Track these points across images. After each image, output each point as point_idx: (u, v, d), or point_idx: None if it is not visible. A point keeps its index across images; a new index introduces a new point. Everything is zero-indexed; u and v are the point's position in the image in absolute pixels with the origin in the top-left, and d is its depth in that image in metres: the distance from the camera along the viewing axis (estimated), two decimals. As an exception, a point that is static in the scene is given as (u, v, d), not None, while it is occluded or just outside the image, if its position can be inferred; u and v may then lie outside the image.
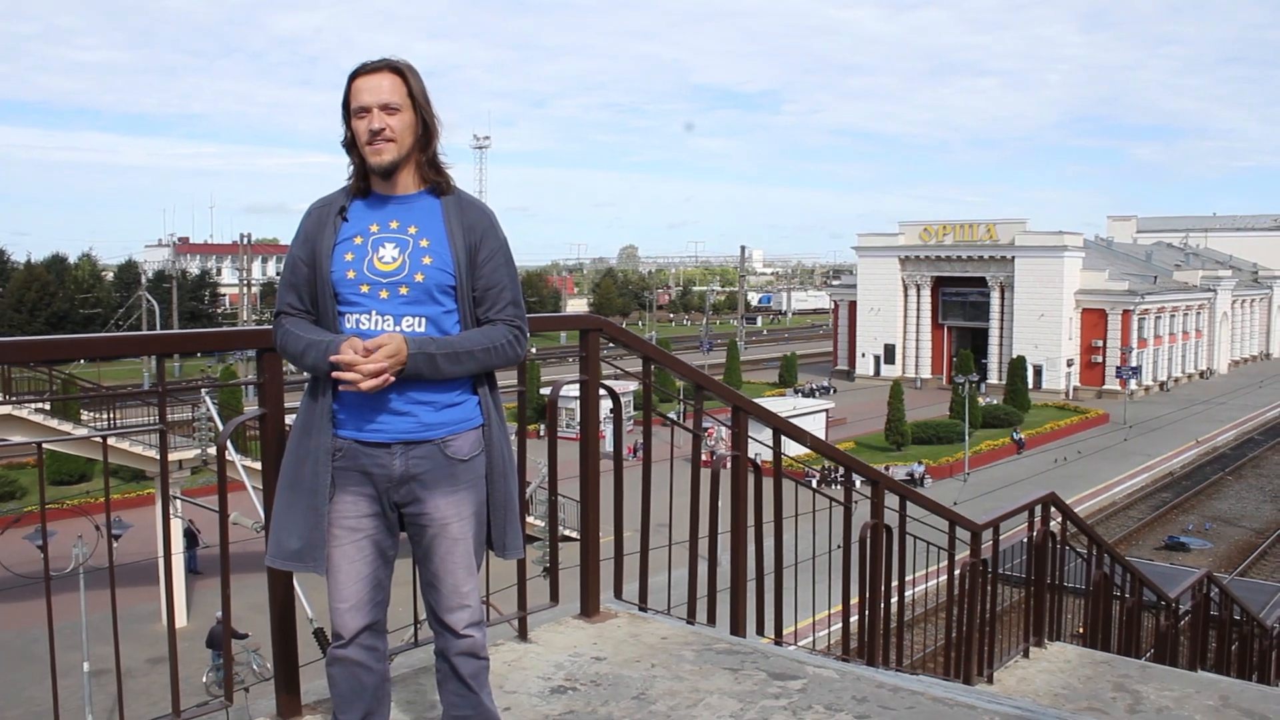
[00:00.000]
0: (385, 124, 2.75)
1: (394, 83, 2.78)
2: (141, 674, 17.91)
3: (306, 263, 2.84)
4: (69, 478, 38.54)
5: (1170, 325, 78.37)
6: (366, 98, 2.76)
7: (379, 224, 2.83)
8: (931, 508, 6.49)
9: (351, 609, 2.86)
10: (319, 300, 2.83)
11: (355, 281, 2.79)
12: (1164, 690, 6.55)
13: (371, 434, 2.82)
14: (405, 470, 2.83)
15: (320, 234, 2.82)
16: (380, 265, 2.79)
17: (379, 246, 2.80)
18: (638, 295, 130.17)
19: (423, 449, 2.83)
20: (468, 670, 2.98)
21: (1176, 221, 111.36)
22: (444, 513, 2.87)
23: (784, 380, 71.54)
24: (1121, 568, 8.92)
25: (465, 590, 2.92)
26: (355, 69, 2.79)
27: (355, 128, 2.78)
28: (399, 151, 2.78)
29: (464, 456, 2.89)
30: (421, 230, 2.83)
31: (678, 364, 5.28)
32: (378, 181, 2.84)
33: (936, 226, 76.59)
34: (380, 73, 2.78)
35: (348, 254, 2.80)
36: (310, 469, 2.82)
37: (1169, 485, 47.03)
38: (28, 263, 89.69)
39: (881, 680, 4.07)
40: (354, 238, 2.82)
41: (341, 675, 2.91)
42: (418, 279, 2.79)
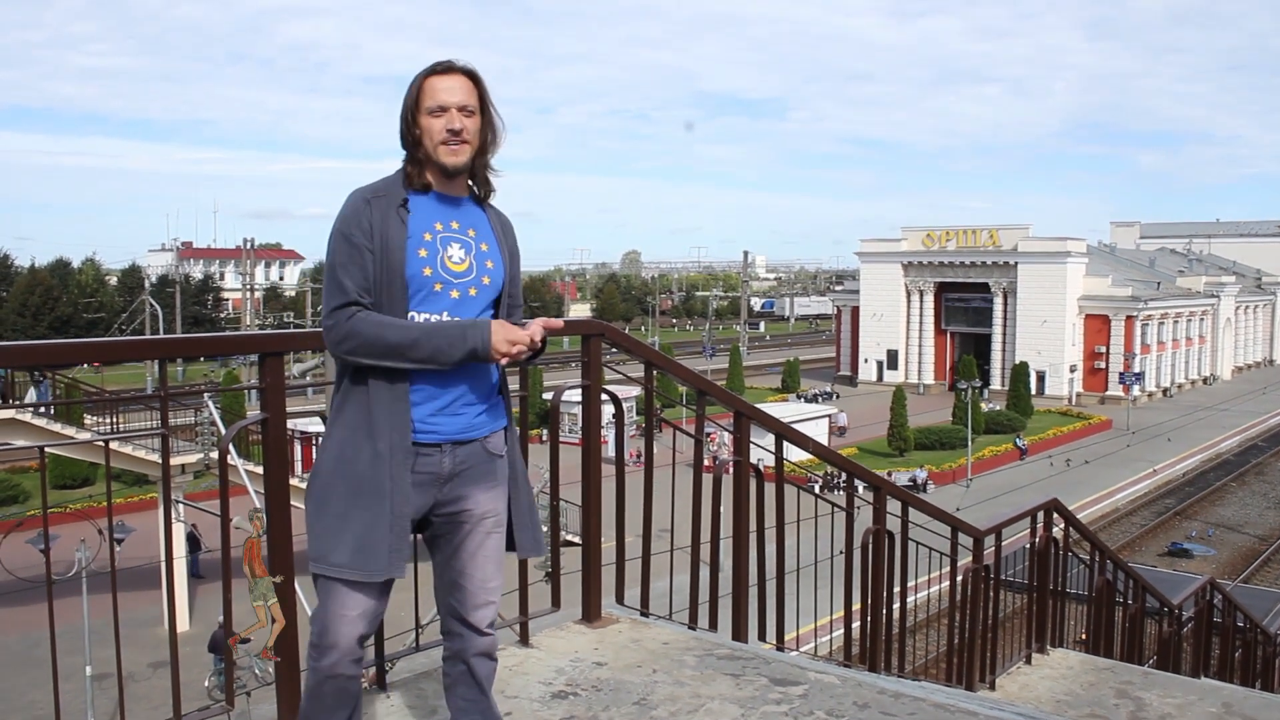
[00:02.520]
0: (464, 125, 2.76)
1: (469, 85, 2.79)
2: (143, 678, 17.90)
3: (373, 252, 2.72)
4: (72, 482, 38.56)
5: (1173, 331, 78.27)
6: (446, 97, 2.75)
7: (441, 223, 2.81)
8: (933, 513, 6.48)
9: (359, 618, 2.80)
10: (381, 295, 2.73)
11: (431, 279, 2.76)
12: (1167, 697, 6.54)
13: (428, 435, 2.80)
14: (453, 468, 2.83)
15: (386, 225, 2.73)
16: (451, 264, 2.78)
17: (447, 245, 2.79)
18: (640, 300, 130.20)
19: (469, 447, 2.86)
20: (484, 672, 2.96)
21: (1180, 228, 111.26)
22: (484, 507, 2.89)
23: (786, 386, 71.50)
24: (1124, 574, 8.90)
25: (492, 586, 2.93)
26: (430, 68, 2.79)
27: (428, 125, 2.75)
28: (472, 153, 2.80)
29: (500, 453, 2.94)
30: (480, 234, 2.86)
31: (680, 369, 5.28)
32: (438, 181, 2.82)
33: (939, 232, 76.58)
34: (457, 74, 2.78)
35: (420, 250, 2.75)
36: (388, 471, 2.73)
37: (1172, 491, 46.97)
38: (32, 267, 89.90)
39: (883, 686, 4.07)
40: (423, 234, 2.77)
41: (333, 690, 2.83)
42: (485, 281, 2.83)
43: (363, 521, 2.73)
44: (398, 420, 2.74)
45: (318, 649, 2.80)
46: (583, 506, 4.59)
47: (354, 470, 2.75)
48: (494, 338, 2.70)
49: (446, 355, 2.70)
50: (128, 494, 35.47)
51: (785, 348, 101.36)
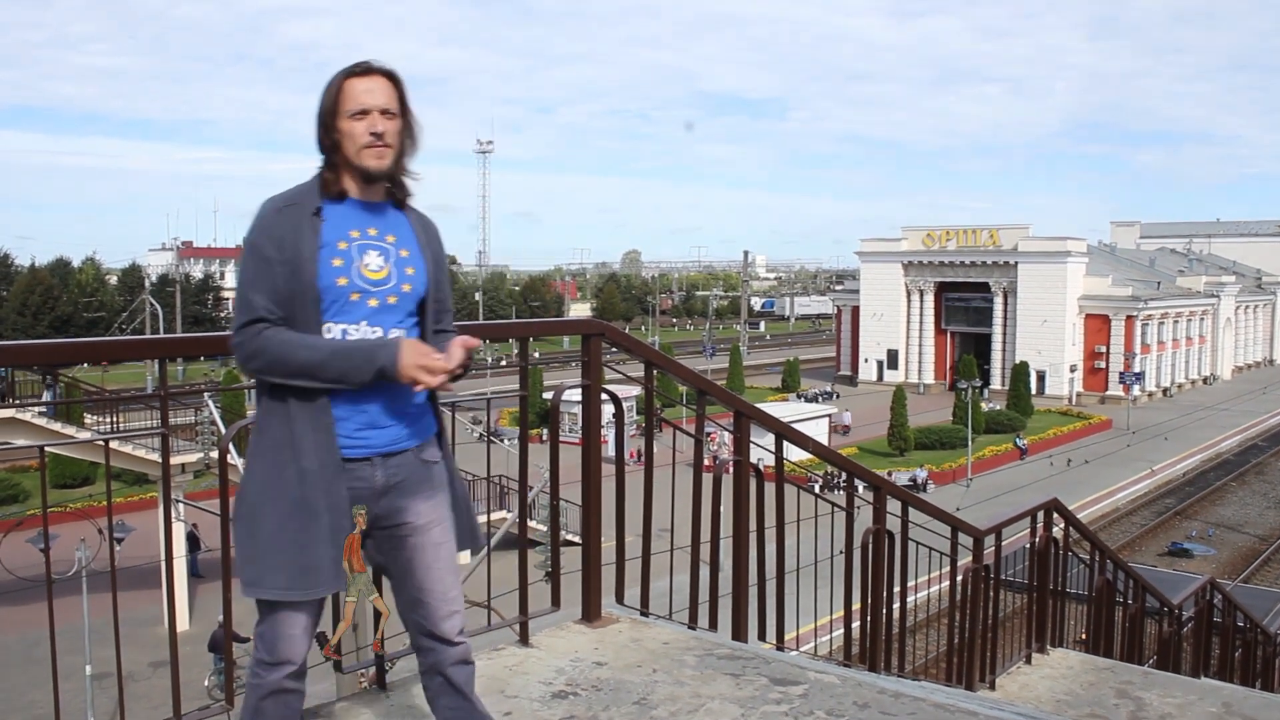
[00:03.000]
0: (386, 128, 2.68)
1: (390, 88, 2.71)
2: (143, 677, 17.89)
3: (282, 264, 2.61)
4: (72, 481, 38.60)
5: (1174, 331, 78.30)
6: (367, 99, 2.67)
7: (359, 230, 2.71)
8: (933, 513, 6.48)
9: (304, 634, 2.73)
10: (293, 308, 2.62)
11: (346, 289, 2.66)
12: (1167, 697, 6.54)
13: (357, 450, 2.72)
14: (386, 481, 2.75)
15: (298, 236, 2.62)
16: (368, 273, 2.69)
17: (364, 253, 2.69)
18: (641, 300, 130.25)
19: (400, 458, 2.78)
20: (462, 679, 2.90)
21: (1180, 227, 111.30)
22: (426, 517, 2.81)
23: (787, 385, 71.54)
24: (1124, 574, 8.90)
25: (453, 595, 2.85)
26: (348, 70, 2.70)
27: (350, 128, 2.66)
28: (394, 157, 2.71)
29: (435, 459, 2.87)
30: (399, 240, 2.76)
31: (679, 369, 5.28)
32: (354, 186, 2.73)
33: (940, 232, 76.62)
34: (377, 76, 2.70)
35: (335, 259, 2.65)
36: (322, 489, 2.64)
37: (1172, 491, 46.98)
38: (32, 266, 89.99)
39: (883, 686, 4.06)
40: (338, 243, 2.67)
41: (275, 707, 2.75)
42: (404, 289, 2.74)
43: (298, 543, 2.64)
44: (322, 436, 2.66)
45: (265, 665, 2.73)
46: (583, 506, 4.59)
47: (282, 491, 2.65)
48: (404, 360, 2.60)
49: (355, 376, 2.62)
50: (128, 493, 35.49)
51: (785, 347, 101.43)
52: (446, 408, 2.96)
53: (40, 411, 24.75)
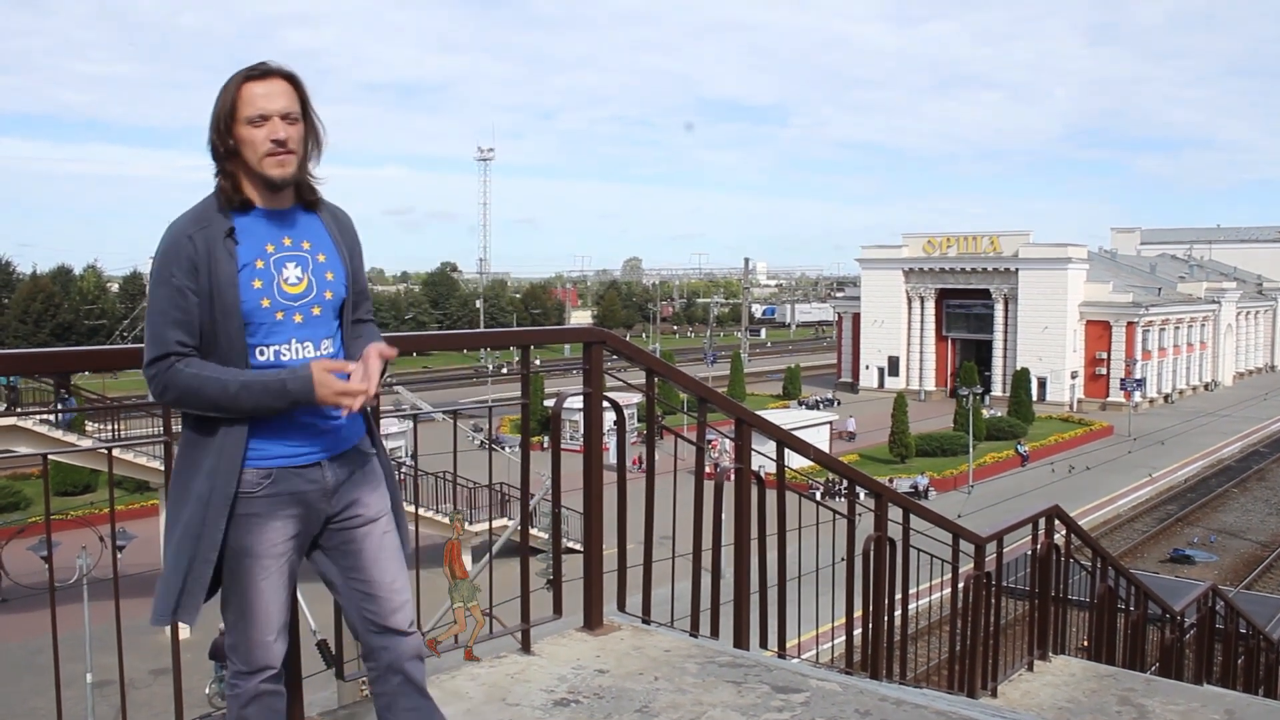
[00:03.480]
0: (288, 134, 2.56)
1: (289, 90, 2.59)
2: (144, 685, 17.88)
3: (198, 293, 2.52)
4: (73, 489, 38.57)
5: (1174, 337, 78.30)
6: (266, 104, 2.54)
7: (274, 243, 2.62)
8: (935, 520, 6.48)
9: (278, 639, 2.72)
10: (216, 336, 2.55)
11: (270, 309, 2.57)
12: (1169, 704, 6.54)
13: (304, 456, 2.68)
14: (335, 479, 2.73)
15: (212, 259, 2.52)
16: (287, 287, 2.60)
17: (281, 267, 2.60)
18: (641, 307, 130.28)
19: (345, 456, 2.76)
20: (419, 675, 2.86)
21: (1181, 233, 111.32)
22: (375, 508, 2.79)
23: (788, 392, 71.53)
24: (1126, 580, 8.90)
25: (400, 586, 2.81)
26: (244, 73, 2.58)
27: (248, 135, 2.55)
28: (297, 164, 2.60)
29: (371, 451, 2.84)
30: (315, 245, 2.68)
31: (680, 376, 5.29)
32: (261, 196, 2.62)
33: (940, 239, 76.66)
34: (276, 78, 2.58)
35: (255, 280, 2.56)
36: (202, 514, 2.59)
37: (1174, 498, 46.95)
38: (33, 274, 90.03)
39: (885, 694, 4.07)
40: (255, 262, 2.57)
41: (258, 712, 2.73)
42: (327, 297, 2.67)
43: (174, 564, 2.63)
44: (225, 462, 2.59)
45: (243, 675, 2.73)
46: (584, 513, 4.60)
47: (178, 510, 2.64)
48: (319, 392, 2.54)
49: (271, 408, 2.57)
50: (129, 500, 35.46)
51: (786, 354, 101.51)
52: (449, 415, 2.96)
53: (44, 419, 24.76)
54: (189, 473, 2.62)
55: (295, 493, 2.68)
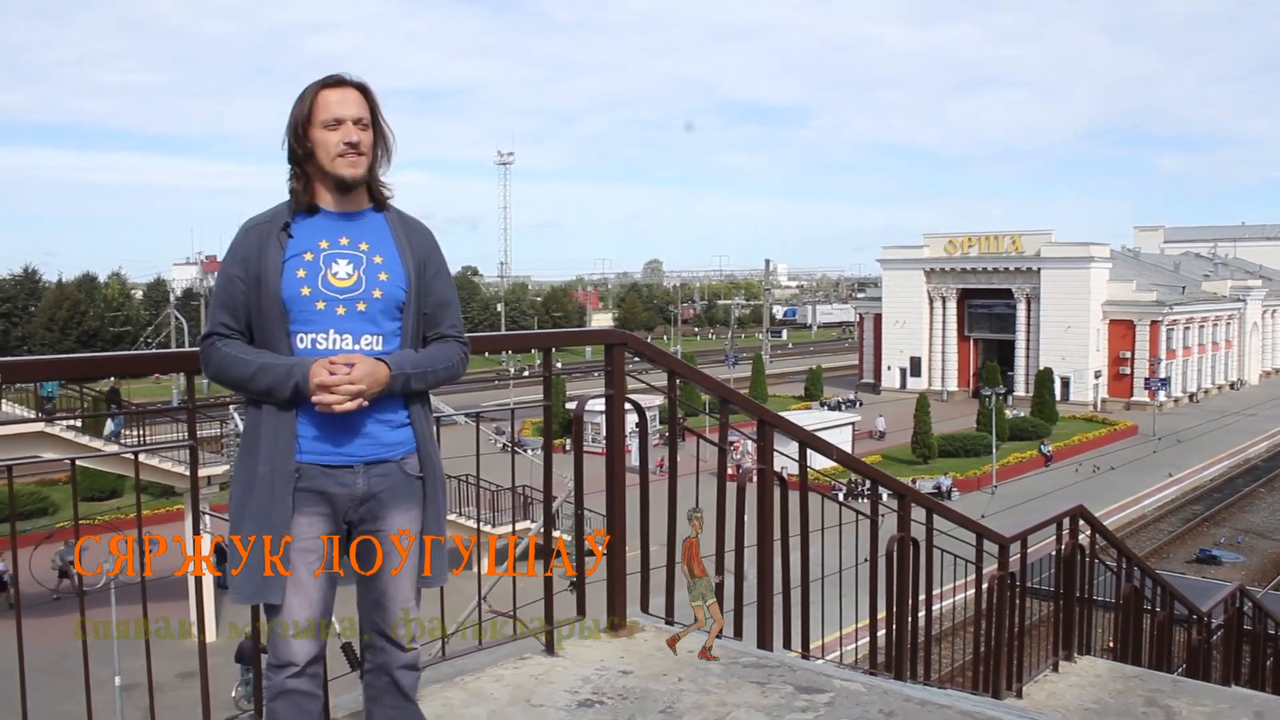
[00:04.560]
0: (360, 138, 2.75)
1: (362, 99, 2.78)
2: (172, 688, 17.95)
3: (245, 281, 2.74)
4: (100, 494, 38.87)
5: (1199, 336, 77.67)
6: (341, 110, 2.74)
7: (329, 240, 2.78)
8: (958, 521, 6.46)
9: (302, 636, 2.79)
10: (263, 321, 2.74)
11: (311, 298, 2.73)
12: (1197, 705, 6.49)
13: (338, 457, 2.77)
14: (368, 489, 2.81)
15: (262, 252, 2.73)
16: (335, 281, 2.74)
17: (331, 262, 2.75)
18: (663, 310, 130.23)
19: (383, 467, 2.83)
20: (408, 682, 2.99)
21: (1205, 231, 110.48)
22: (399, 526, 2.87)
23: (810, 393, 71.34)
24: (1151, 581, 8.85)
25: (412, 604, 2.95)
26: (321, 81, 2.78)
27: (323, 138, 2.74)
28: (367, 166, 2.78)
29: (418, 474, 2.90)
30: (374, 246, 2.81)
31: (702, 377, 5.29)
32: (325, 198, 2.81)
33: (961, 239, 76.29)
34: (349, 88, 2.78)
35: (299, 270, 2.73)
36: (268, 495, 2.73)
37: (1200, 497, 46.57)
38: (59, 282, 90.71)
39: (909, 694, 4.06)
40: (304, 254, 2.75)
41: (287, 709, 2.82)
42: (375, 295, 2.77)
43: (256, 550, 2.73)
44: (281, 444, 2.73)
45: (273, 668, 2.82)
46: (607, 516, 4.61)
47: (247, 494, 2.75)
48: (311, 382, 2.65)
49: (278, 393, 2.70)
50: (155, 505, 35.73)
51: (808, 355, 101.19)
52: (470, 418, 3.00)
53: (71, 425, 24.96)
54: (251, 459, 2.76)
55: (323, 492, 2.77)
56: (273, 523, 2.72)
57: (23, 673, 3.15)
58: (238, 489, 2.79)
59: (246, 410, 2.81)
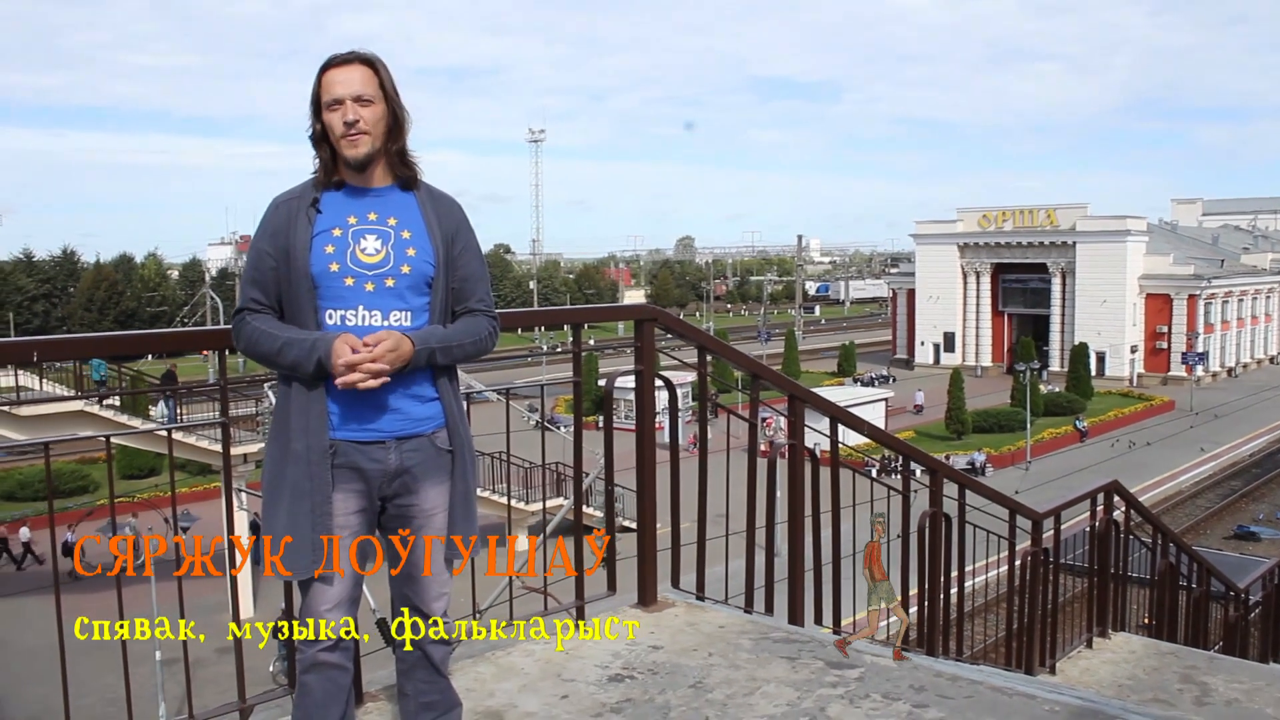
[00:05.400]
0: (359, 115, 2.72)
1: (366, 75, 2.75)
2: (211, 663, 18.15)
3: (275, 257, 2.76)
4: (139, 472, 39.37)
5: (1238, 310, 76.72)
6: (339, 90, 2.72)
7: (357, 216, 2.79)
8: (991, 496, 6.43)
9: (334, 609, 2.82)
10: (293, 296, 2.76)
11: (339, 274, 2.74)
12: (1233, 682, 6.44)
13: (369, 433, 2.79)
14: (400, 464, 2.83)
15: (291, 228, 2.75)
16: (363, 257, 2.75)
17: (360, 238, 2.76)
18: (695, 286, 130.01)
19: (414, 442, 2.84)
20: (439, 656, 3.02)
21: (1244, 203, 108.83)
22: (433, 503, 2.89)
23: (843, 369, 71.12)
24: (1188, 557, 8.78)
25: (444, 578, 2.98)
26: (325, 61, 2.76)
27: (328, 120, 2.74)
28: (373, 144, 2.75)
29: (448, 448, 2.91)
30: (402, 222, 2.81)
31: (733, 353, 5.28)
32: (350, 175, 2.80)
33: (995, 213, 75.58)
34: (352, 65, 2.75)
35: (327, 246, 2.74)
36: (306, 471, 2.75)
37: (1238, 473, 46.07)
38: (97, 263, 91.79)
39: (940, 669, 4.05)
40: (332, 230, 2.76)
41: (318, 681, 2.85)
42: (404, 270, 2.78)
43: (288, 522, 2.75)
44: (314, 420, 2.75)
45: (304, 641, 2.85)
46: (638, 492, 4.62)
47: (281, 470, 2.78)
48: (333, 359, 2.66)
49: (303, 367, 2.72)
50: (192, 483, 36.15)
51: (841, 331, 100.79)
52: (500, 395, 3.02)
53: (110, 403, 25.29)
54: (284, 435, 2.78)
55: (357, 468, 2.80)
56: (314, 499, 2.74)
57: (62, 645, 3.21)
58: (270, 465, 2.82)
59: (278, 387, 2.84)
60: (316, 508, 2.74)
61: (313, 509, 2.74)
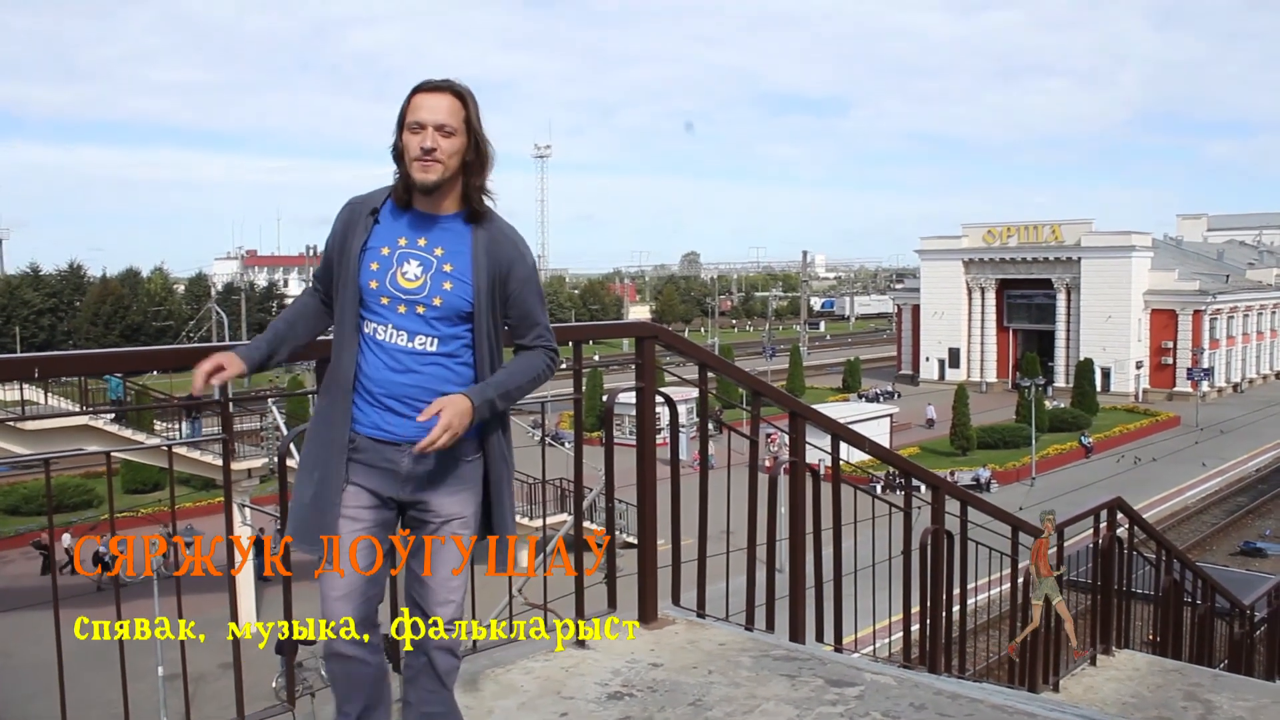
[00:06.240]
0: (437, 144, 2.76)
1: (453, 105, 2.80)
2: (214, 678, 18.19)
3: (333, 253, 2.93)
4: (142, 486, 39.38)
5: (1244, 325, 76.59)
6: (424, 115, 2.77)
7: (407, 238, 2.86)
8: (993, 513, 6.42)
9: (341, 599, 2.88)
10: (340, 293, 2.89)
11: (377, 293, 2.84)
12: (1238, 700, 6.42)
13: (385, 434, 2.88)
14: (412, 468, 2.88)
15: (351, 233, 2.88)
16: (403, 281, 2.83)
17: (404, 261, 2.84)
18: (700, 302, 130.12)
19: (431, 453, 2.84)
20: (444, 665, 3.01)
21: (1249, 219, 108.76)
22: (449, 510, 2.93)
23: (848, 385, 71.05)
24: (1192, 573, 8.75)
25: (454, 585, 2.98)
26: (420, 84, 2.82)
27: (407, 141, 2.80)
28: (444, 173, 2.80)
29: (468, 458, 2.95)
30: (447, 253, 2.85)
31: (734, 370, 5.29)
32: (418, 197, 2.85)
33: (1000, 228, 75.59)
34: (442, 93, 2.80)
35: (373, 263, 2.85)
36: (326, 452, 2.89)
37: (1244, 489, 45.92)
38: (103, 277, 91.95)
39: (940, 687, 4.04)
40: (381, 248, 2.85)
41: (338, 669, 2.95)
42: (435, 302, 2.83)
43: (296, 493, 2.95)
44: (339, 414, 2.89)
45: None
46: (638, 508, 4.62)
47: (306, 450, 2.95)
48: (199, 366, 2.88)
49: None
50: (196, 498, 36.15)
51: (846, 347, 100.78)
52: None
53: (114, 419, 25.32)
54: (317, 421, 2.95)
55: (373, 465, 2.90)
56: (326, 473, 2.88)
57: (60, 660, 3.21)
58: (304, 446, 2.97)
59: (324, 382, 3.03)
60: (322, 481, 2.87)
61: (319, 481, 2.88)
